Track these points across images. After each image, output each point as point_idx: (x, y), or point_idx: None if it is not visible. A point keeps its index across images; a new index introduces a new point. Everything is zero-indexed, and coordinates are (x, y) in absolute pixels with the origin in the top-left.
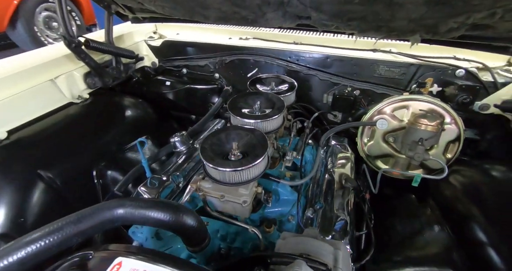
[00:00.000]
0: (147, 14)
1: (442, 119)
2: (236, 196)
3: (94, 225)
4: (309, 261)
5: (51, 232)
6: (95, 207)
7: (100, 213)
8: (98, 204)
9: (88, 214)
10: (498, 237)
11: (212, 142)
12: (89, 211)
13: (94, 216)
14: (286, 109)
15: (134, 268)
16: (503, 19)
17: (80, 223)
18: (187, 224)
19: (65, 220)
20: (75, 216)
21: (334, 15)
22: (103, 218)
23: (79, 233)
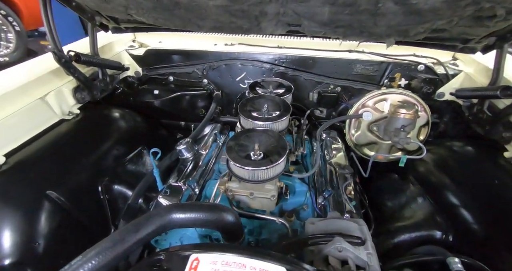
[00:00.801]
0: (132, 24)
1: (417, 108)
2: (264, 192)
3: (151, 231)
4: (344, 237)
5: (116, 241)
6: (148, 215)
7: (154, 221)
8: (150, 212)
9: (144, 223)
10: (466, 199)
11: (235, 146)
12: (144, 219)
13: (150, 224)
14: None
15: (213, 261)
16: (457, 24)
17: (139, 232)
18: (229, 221)
19: (125, 230)
20: (133, 226)
21: (324, 24)
22: (158, 224)
23: (138, 240)
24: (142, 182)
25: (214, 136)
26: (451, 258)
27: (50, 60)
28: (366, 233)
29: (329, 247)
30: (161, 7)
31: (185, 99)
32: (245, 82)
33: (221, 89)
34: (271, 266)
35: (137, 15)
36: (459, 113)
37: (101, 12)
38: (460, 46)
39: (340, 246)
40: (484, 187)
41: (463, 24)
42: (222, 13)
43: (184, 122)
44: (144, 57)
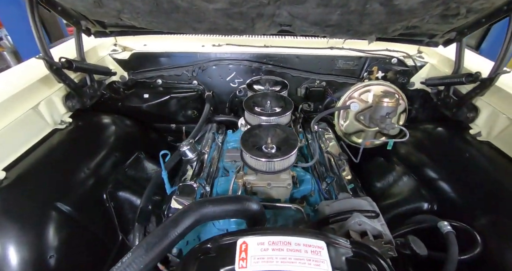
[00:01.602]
0: (119, 28)
1: (397, 97)
2: (281, 182)
3: (189, 225)
4: (361, 212)
5: (161, 237)
6: (183, 211)
7: (190, 216)
8: (184, 208)
9: (181, 218)
10: (444, 172)
11: (249, 140)
12: (181, 215)
13: (187, 219)
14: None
15: (260, 242)
16: (427, 22)
17: (178, 227)
18: (255, 209)
19: (165, 227)
20: (172, 222)
21: (315, 23)
22: (194, 218)
23: (179, 234)
24: (150, 185)
25: (212, 136)
26: (441, 222)
27: (36, 67)
28: (376, 207)
29: (349, 222)
30: (159, 11)
31: (175, 102)
32: (235, 82)
33: (212, 89)
34: (312, 241)
35: (130, 19)
36: (427, 99)
37: (89, 17)
38: (426, 41)
39: (360, 220)
40: (457, 161)
41: (432, 21)
42: (221, 16)
43: (175, 125)
44: (129, 61)
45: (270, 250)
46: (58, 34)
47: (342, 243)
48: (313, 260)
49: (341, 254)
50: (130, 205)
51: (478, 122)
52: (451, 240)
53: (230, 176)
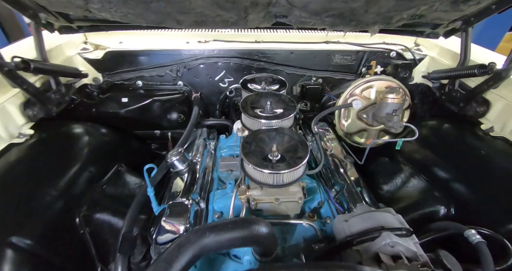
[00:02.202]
0: (88, 22)
1: (402, 92)
2: (291, 196)
3: (186, 264)
4: (391, 230)
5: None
6: (178, 245)
7: (187, 250)
8: (179, 241)
9: (176, 255)
10: (458, 172)
11: (250, 149)
12: (175, 251)
13: (182, 256)
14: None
15: None
16: (436, 10)
17: (172, 268)
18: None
19: (156, 267)
20: (164, 263)
21: (315, 13)
22: (192, 254)
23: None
24: (133, 205)
25: (203, 142)
26: (468, 230)
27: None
28: (404, 222)
29: (379, 244)
30: (135, 0)
31: (159, 105)
32: (225, 81)
33: (200, 90)
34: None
35: (100, 11)
36: (426, 94)
37: (48, 8)
38: (427, 32)
39: (392, 241)
40: (471, 159)
41: (441, 9)
42: (209, 5)
43: (160, 131)
44: (103, 61)
45: None
46: (18, 33)
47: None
48: None
49: None
50: (111, 228)
51: (489, 117)
52: (484, 252)
53: (228, 189)
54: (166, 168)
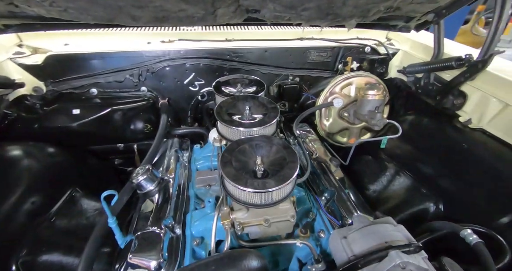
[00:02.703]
0: (18, 20)
1: (383, 88)
2: (282, 214)
3: None
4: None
5: None
6: None
7: None
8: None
9: None
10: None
11: (230, 164)
12: None
13: None
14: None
15: None
16: (412, 2)
17: None
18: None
19: None
20: None
21: (291, 6)
22: None
23: None
24: (91, 241)
25: (175, 154)
26: (464, 230)
27: None
28: (408, 233)
29: (388, 265)
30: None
31: (120, 115)
32: (195, 84)
33: (167, 96)
34: None
35: (30, 5)
36: (401, 88)
37: None
38: (400, 26)
39: (403, 262)
40: (454, 153)
41: (416, 1)
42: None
43: (123, 144)
44: (44, 66)
45: None
46: None
47: None
48: None
49: None
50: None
51: (466, 109)
52: (485, 253)
53: (207, 208)
54: (132, 190)
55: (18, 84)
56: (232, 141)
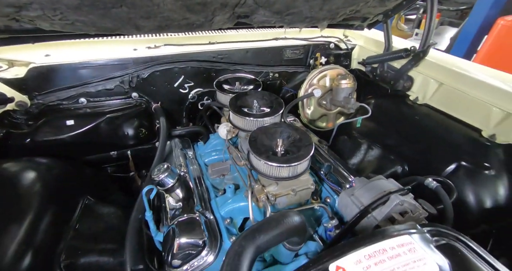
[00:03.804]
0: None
1: (352, 77)
2: (305, 184)
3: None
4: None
5: None
6: (231, 258)
7: (244, 258)
8: (229, 255)
9: (237, 264)
10: (400, 136)
11: (259, 147)
12: (235, 259)
13: (242, 264)
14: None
15: (356, 260)
16: (369, 6)
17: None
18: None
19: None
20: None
21: (278, 12)
22: (249, 259)
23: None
24: (129, 235)
25: (181, 153)
26: (427, 180)
27: None
28: (397, 183)
29: (391, 205)
30: (93, 6)
31: (114, 123)
32: (185, 87)
33: (159, 100)
34: (400, 239)
35: (36, 19)
36: (361, 77)
37: None
38: (356, 25)
39: (401, 201)
40: (410, 124)
41: (372, 5)
42: (178, 8)
43: (116, 152)
44: (28, 79)
45: (372, 265)
46: None
47: (419, 230)
48: (417, 260)
49: (428, 243)
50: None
51: (414, 89)
52: (442, 193)
53: (228, 193)
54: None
55: (9, 99)
56: (245, 130)
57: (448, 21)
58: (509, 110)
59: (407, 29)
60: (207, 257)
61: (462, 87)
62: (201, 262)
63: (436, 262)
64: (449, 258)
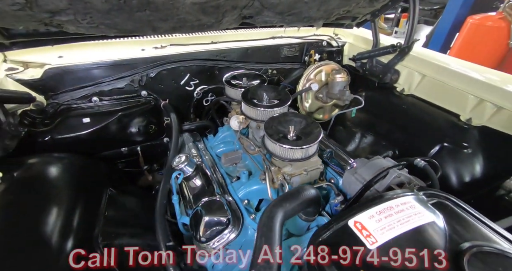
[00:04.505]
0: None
1: (346, 71)
2: (315, 165)
3: (279, 229)
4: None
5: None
6: (266, 219)
7: (275, 225)
8: (262, 221)
9: (271, 225)
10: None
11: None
12: (267, 230)
13: (276, 225)
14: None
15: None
16: (359, 6)
17: (273, 232)
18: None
19: (262, 233)
20: (266, 238)
21: (280, 13)
22: (278, 228)
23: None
24: (158, 217)
25: (194, 145)
26: (416, 160)
27: None
28: (393, 161)
29: (390, 178)
30: (121, 10)
31: (126, 120)
32: (191, 84)
33: (167, 97)
34: (403, 199)
35: (67, 23)
36: (351, 72)
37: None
38: (346, 24)
39: (398, 174)
40: (398, 113)
41: (362, 5)
42: (195, 11)
43: (127, 148)
44: (43, 80)
45: (383, 218)
46: None
47: (416, 193)
48: (417, 213)
49: (424, 202)
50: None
51: (400, 82)
52: (429, 170)
53: (243, 178)
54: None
55: (33, 99)
56: (257, 120)
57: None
58: (481, 97)
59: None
60: (231, 233)
61: (442, 78)
62: (226, 237)
63: (431, 214)
64: (441, 212)
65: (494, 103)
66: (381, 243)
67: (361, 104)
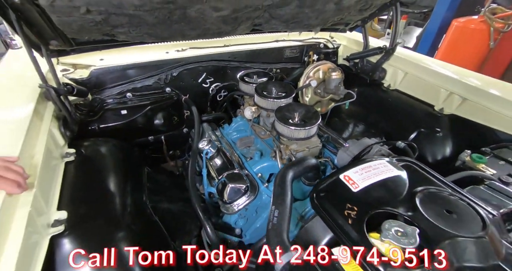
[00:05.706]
0: (92, 44)
1: (340, 70)
2: (315, 143)
3: (290, 184)
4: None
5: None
6: (281, 176)
7: (288, 178)
8: (280, 173)
9: (284, 180)
10: (377, 115)
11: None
12: (282, 178)
13: (288, 180)
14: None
15: (355, 171)
16: (351, 15)
17: (286, 184)
18: (316, 162)
19: (278, 187)
20: (280, 188)
21: (285, 21)
22: (290, 183)
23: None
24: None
25: (213, 133)
26: (397, 143)
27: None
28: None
29: (374, 151)
30: (163, 22)
31: (154, 112)
32: (207, 82)
33: (187, 93)
34: (379, 161)
35: (122, 33)
36: (345, 71)
37: (69, 35)
38: (340, 28)
39: (380, 148)
40: (385, 105)
41: (353, 14)
42: (218, 21)
43: (153, 136)
44: (89, 79)
45: (364, 173)
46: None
47: (390, 158)
48: (388, 170)
49: (395, 164)
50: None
51: (387, 79)
52: (408, 150)
53: (255, 157)
54: (197, 155)
55: (87, 93)
56: (268, 109)
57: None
58: (451, 90)
59: (380, 29)
60: (250, 197)
61: (420, 75)
62: (245, 200)
63: (399, 171)
64: (406, 170)
65: (460, 95)
66: (361, 187)
67: (353, 97)
